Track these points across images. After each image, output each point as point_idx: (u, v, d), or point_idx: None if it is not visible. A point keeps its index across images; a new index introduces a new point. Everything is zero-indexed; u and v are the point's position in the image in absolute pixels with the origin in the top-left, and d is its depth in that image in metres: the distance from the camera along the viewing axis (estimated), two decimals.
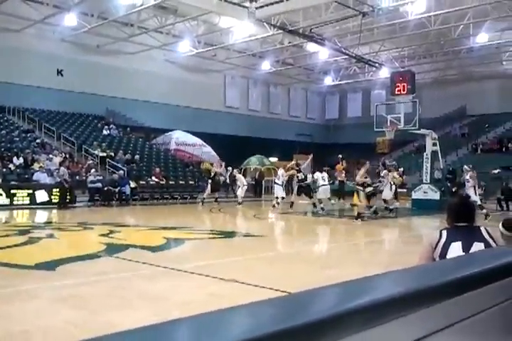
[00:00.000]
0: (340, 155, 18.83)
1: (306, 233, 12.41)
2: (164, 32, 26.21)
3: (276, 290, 5.16)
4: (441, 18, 22.77)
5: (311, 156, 17.17)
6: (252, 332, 0.89)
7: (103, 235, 9.73)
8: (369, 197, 13.62)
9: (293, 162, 17.07)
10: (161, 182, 20.82)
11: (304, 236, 11.90)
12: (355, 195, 13.70)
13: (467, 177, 14.80)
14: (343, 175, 22.07)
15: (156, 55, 27.86)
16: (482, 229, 3.25)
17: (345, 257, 8.34)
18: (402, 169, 21.68)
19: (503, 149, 28.17)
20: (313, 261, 7.98)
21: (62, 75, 25.47)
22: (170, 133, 27.35)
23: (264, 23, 22.70)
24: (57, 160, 19.28)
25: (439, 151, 18.66)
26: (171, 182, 21.35)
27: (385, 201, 15.58)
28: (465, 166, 16.07)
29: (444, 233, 3.21)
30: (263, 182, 25.26)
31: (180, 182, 21.82)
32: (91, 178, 18.15)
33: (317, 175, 16.59)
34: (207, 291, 5.43)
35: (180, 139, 27.07)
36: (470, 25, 24.02)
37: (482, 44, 26.28)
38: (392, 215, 14.97)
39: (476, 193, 14.27)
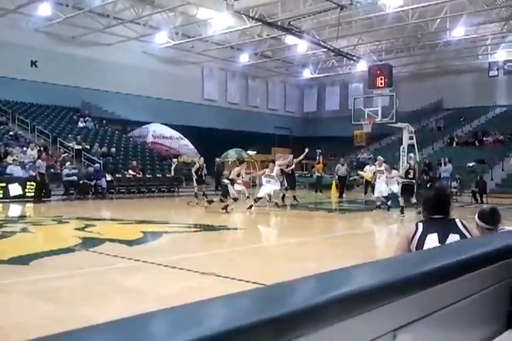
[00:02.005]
0: (318, 150, 18.86)
1: (286, 226, 12.43)
2: (141, 23, 25.83)
3: (254, 283, 5.14)
4: (419, 12, 22.93)
5: (306, 150, 17.21)
6: (228, 323, 0.89)
7: (78, 229, 9.59)
8: None
9: (290, 158, 17.25)
10: (138, 175, 20.64)
11: (283, 230, 11.94)
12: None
13: (381, 168, 14.93)
14: (321, 170, 22.73)
15: (132, 46, 27.46)
16: (457, 221, 3.29)
17: (323, 250, 8.37)
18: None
19: (478, 143, 28.61)
20: (292, 254, 7.99)
21: (36, 66, 24.96)
22: (147, 125, 27.09)
23: (243, 15, 22.56)
24: (32, 153, 18.93)
25: (415, 144, 18.82)
26: (148, 176, 21.18)
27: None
28: (379, 157, 16.01)
29: (420, 225, 3.24)
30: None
31: (158, 175, 21.66)
32: (66, 171, 17.87)
33: None
34: (185, 284, 5.39)
35: (158, 132, 26.84)
36: (447, 19, 24.22)
37: (458, 38, 26.58)
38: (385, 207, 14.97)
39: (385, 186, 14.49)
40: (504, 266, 1.84)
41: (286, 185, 15.96)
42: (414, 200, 14.20)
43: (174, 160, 22.85)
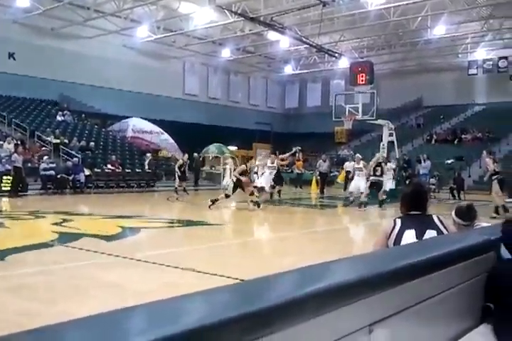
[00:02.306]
0: (298, 148, 18.87)
1: (266, 222, 12.44)
2: (122, 16, 25.53)
3: (233, 278, 5.13)
4: (401, 10, 23.09)
5: (294, 149, 17.27)
6: (205, 318, 0.89)
7: (56, 224, 9.46)
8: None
9: (288, 154, 17.26)
10: (117, 170, 20.43)
11: (263, 225, 11.94)
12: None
13: (359, 165, 15.13)
14: (301, 167, 22.92)
15: (113, 40, 27.10)
16: (434, 217, 3.32)
17: (303, 245, 8.40)
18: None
19: (457, 140, 28.99)
20: (271, 249, 8.01)
21: (14, 59, 24.48)
22: (127, 120, 26.80)
23: (225, 10, 22.44)
24: (8, 146, 18.59)
25: (395, 141, 19.00)
26: (127, 170, 20.98)
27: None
28: (357, 155, 16.13)
29: (398, 221, 3.27)
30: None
31: (137, 170, 21.48)
32: (44, 166, 17.60)
33: None
34: (163, 280, 5.36)
35: (138, 126, 26.57)
36: (428, 17, 24.45)
37: (439, 36, 26.83)
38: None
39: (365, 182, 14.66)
40: (479, 262, 1.86)
41: (272, 182, 15.98)
42: (381, 197, 14.36)
43: (148, 154, 22.63)
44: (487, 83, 33.03)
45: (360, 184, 14.81)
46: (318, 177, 21.24)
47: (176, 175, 17.70)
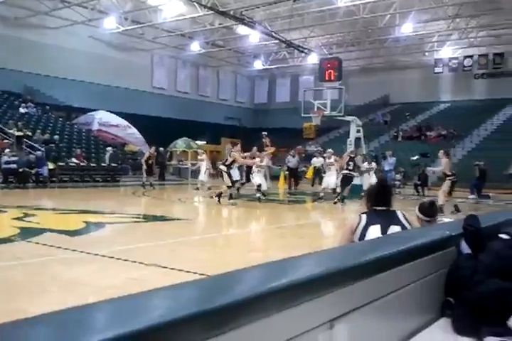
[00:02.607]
0: (264, 133, 18.73)
1: (233, 217, 12.41)
2: (89, 7, 24.99)
3: (198, 273, 5.09)
4: (369, 7, 23.31)
5: (271, 150, 17.25)
6: (169, 314, 0.88)
7: (17, 218, 9.19)
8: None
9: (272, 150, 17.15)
10: (82, 163, 20.07)
11: (230, 220, 11.91)
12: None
13: (331, 160, 15.30)
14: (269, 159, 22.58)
15: (80, 30, 26.51)
16: (398, 212, 3.36)
17: (269, 240, 8.41)
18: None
19: (422, 137, 29.53)
20: (239, 244, 7.98)
21: None
22: (93, 113, 26.30)
23: (195, 3, 22.22)
24: None
25: (362, 138, 19.21)
26: (92, 165, 20.63)
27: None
28: (329, 150, 16.28)
29: (364, 216, 3.30)
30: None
31: (103, 164, 21.14)
32: (5, 159, 17.13)
33: None
34: (127, 276, 5.27)
35: (104, 119, 26.11)
36: (396, 15, 24.76)
37: (407, 34, 27.20)
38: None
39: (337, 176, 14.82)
40: (440, 257, 1.88)
41: (241, 178, 15.93)
42: (346, 192, 14.51)
43: (108, 148, 22.27)
44: (452, 81, 33.76)
45: (330, 180, 14.93)
46: (287, 173, 21.29)
47: (143, 169, 17.50)
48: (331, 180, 14.88)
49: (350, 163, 14.74)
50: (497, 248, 1.88)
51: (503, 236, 2.01)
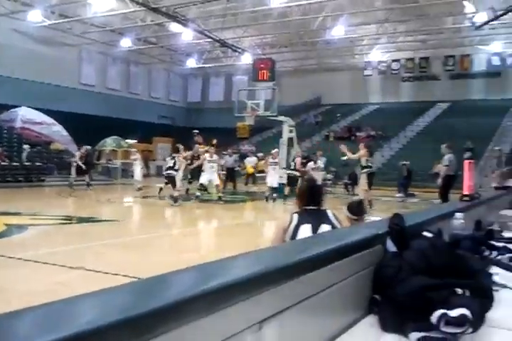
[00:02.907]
0: (195, 131, 18.55)
1: (167, 217, 12.20)
2: None
3: (128, 276, 4.95)
4: (302, 9, 23.66)
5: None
6: (97, 320, 0.86)
7: None
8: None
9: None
10: (3, 163, 19.07)
11: (163, 221, 11.69)
12: None
13: (275, 160, 15.56)
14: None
15: (2, 23, 25.09)
16: (329, 212, 3.42)
17: (205, 241, 8.35)
18: (261, 154, 22.38)
19: (352, 137, 30.38)
20: (170, 246, 7.86)
21: None
22: (15, 109, 24.97)
23: None
24: None
25: (295, 138, 19.48)
26: (14, 164, 19.65)
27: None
28: (276, 149, 16.55)
29: (295, 216, 3.33)
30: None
31: (26, 163, 20.19)
32: None
33: None
34: (52, 280, 5.05)
35: (27, 117, 24.84)
36: (328, 18, 25.29)
37: (338, 37, 27.84)
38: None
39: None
40: (367, 255, 1.91)
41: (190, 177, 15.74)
42: (287, 191, 14.75)
43: (25, 146, 21.34)
44: (381, 84, 35.01)
45: (273, 179, 15.10)
46: (224, 172, 21.17)
47: (73, 169, 16.89)
48: (274, 179, 15.07)
49: (292, 163, 15.08)
50: (421, 246, 1.93)
51: (427, 234, 2.07)
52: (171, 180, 13.22)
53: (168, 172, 13.29)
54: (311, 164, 16.15)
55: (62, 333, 0.80)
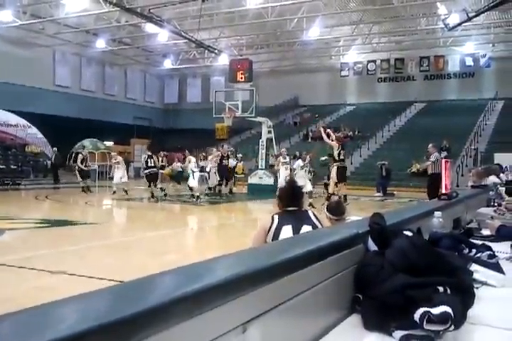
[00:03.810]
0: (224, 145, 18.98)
1: (145, 219, 12.09)
2: None
3: (110, 280, 4.89)
4: (278, 10, 23.71)
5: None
6: (78, 326, 0.85)
7: None
8: None
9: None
10: None
11: (142, 223, 11.58)
12: None
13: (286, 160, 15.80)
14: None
15: None
16: (309, 212, 3.43)
17: (183, 243, 8.30)
18: (240, 155, 22.40)
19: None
20: (151, 248, 7.78)
21: None
22: None
23: None
24: None
25: (273, 138, 19.54)
26: None
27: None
28: (283, 149, 17.02)
29: (276, 217, 3.33)
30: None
31: (1, 166, 19.82)
32: None
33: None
34: (31, 285, 4.98)
35: (1, 119, 24.48)
36: (303, 19, 25.42)
37: (314, 38, 28.01)
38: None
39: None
40: (349, 254, 1.92)
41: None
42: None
43: None
44: (357, 84, 35.31)
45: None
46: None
47: (77, 173, 16.87)
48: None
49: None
50: (401, 244, 1.94)
51: (407, 233, 2.08)
52: (153, 178, 13.42)
53: (150, 170, 13.44)
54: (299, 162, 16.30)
55: (41, 339, 0.80)
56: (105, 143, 27.75)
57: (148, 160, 15.07)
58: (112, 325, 0.88)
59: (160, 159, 17.36)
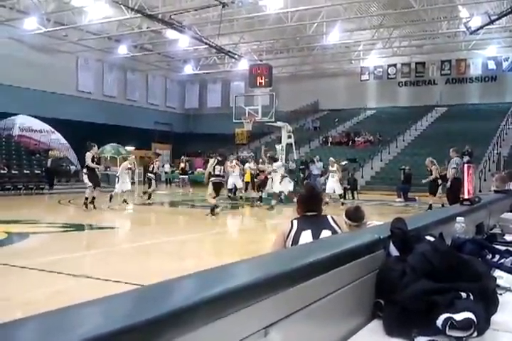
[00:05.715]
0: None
1: (163, 224, 12.17)
2: (7, 6, 23.81)
3: (130, 283, 4.93)
4: (298, 15, 23.74)
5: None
6: (97, 329, 0.85)
7: None
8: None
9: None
10: (2, 171, 19.06)
11: (161, 228, 11.67)
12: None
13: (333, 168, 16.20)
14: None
15: None
16: (329, 217, 3.42)
17: (202, 248, 8.33)
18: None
19: (350, 142, 30.45)
20: (170, 252, 7.83)
21: None
22: (13, 117, 25.01)
23: (121, 5, 21.75)
24: None
25: (293, 143, 19.51)
26: (14, 172, 19.64)
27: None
28: (331, 158, 17.48)
29: (295, 222, 3.33)
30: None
31: (25, 171, 20.16)
32: None
33: None
34: (54, 289, 5.04)
35: (25, 125, 24.91)
36: (323, 24, 25.40)
37: (334, 43, 27.96)
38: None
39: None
40: (370, 260, 1.90)
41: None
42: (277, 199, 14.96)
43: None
44: (378, 89, 35.09)
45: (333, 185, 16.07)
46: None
47: (86, 176, 15.57)
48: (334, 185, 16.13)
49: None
50: (423, 249, 1.93)
51: (429, 238, 2.07)
52: (220, 187, 12.41)
53: (219, 179, 12.47)
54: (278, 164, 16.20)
55: None
56: (126, 148, 28.03)
57: (217, 166, 12.46)
58: (137, 327, 0.89)
59: (183, 164, 17.19)
